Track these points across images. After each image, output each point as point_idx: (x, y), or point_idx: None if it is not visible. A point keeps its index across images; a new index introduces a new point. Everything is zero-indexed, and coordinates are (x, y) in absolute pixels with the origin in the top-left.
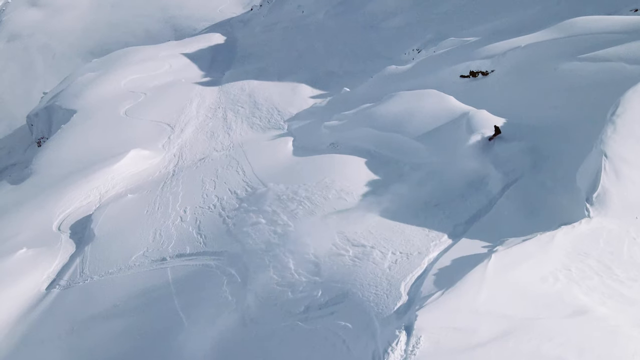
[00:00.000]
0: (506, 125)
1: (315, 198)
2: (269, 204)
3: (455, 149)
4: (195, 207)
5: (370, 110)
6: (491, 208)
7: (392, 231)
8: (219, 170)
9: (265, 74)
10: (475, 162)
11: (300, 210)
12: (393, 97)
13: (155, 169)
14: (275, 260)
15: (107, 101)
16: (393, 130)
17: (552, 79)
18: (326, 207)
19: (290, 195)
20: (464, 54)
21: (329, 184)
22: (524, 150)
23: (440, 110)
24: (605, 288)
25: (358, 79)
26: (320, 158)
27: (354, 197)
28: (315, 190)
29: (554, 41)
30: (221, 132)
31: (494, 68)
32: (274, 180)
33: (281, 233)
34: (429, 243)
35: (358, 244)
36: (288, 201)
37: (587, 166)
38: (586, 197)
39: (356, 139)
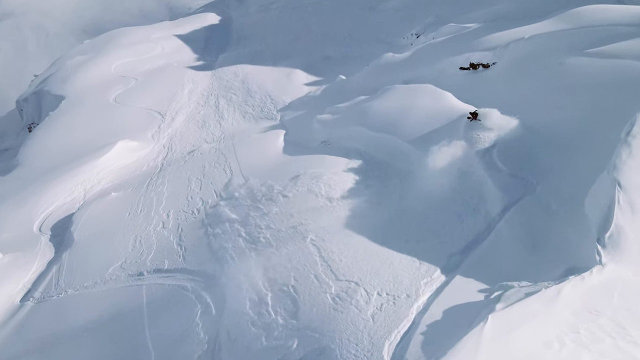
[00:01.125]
0: (507, 128)
1: (302, 211)
2: (252, 216)
3: (451, 158)
4: (178, 210)
5: (364, 106)
6: (490, 233)
7: (380, 261)
8: (207, 167)
9: (260, 58)
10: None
11: (284, 227)
12: (388, 91)
13: (143, 161)
14: (252, 291)
15: (96, 87)
16: (386, 131)
17: (557, 75)
18: (311, 224)
19: (276, 207)
20: (464, 44)
21: (316, 193)
22: (525, 161)
23: (436, 110)
24: (619, 352)
25: (355, 64)
26: (309, 160)
27: (342, 211)
28: (301, 201)
29: (559, 33)
30: (213, 121)
31: (496, 60)
32: (260, 183)
33: (262, 254)
34: (419, 281)
35: (342, 278)
36: (273, 214)
37: (597, 193)
38: (597, 237)
39: (348, 139)
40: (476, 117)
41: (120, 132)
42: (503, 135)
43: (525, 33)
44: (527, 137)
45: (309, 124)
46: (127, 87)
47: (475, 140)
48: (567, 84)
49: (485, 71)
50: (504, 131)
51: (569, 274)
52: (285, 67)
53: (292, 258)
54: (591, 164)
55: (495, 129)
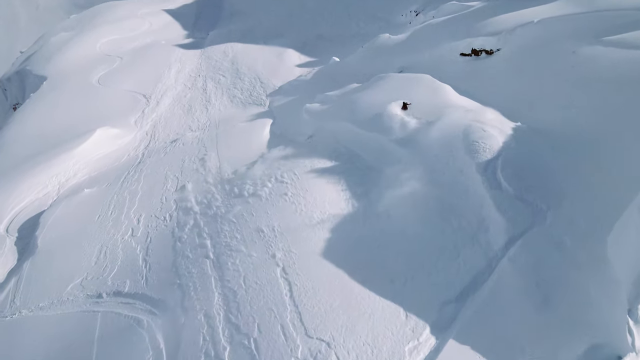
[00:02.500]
0: (512, 131)
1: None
2: (225, 232)
3: (447, 170)
4: (150, 215)
5: (354, 97)
6: (491, 274)
7: (359, 310)
8: (186, 162)
9: (251, 36)
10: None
11: (256, 252)
12: (381, 80)
13: (123, 151)
14: (210, 341)
15: (80, 66)
16: (376, 129)
17: (569, 66)
18: (285, 249)
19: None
20: (466, 27)
21: (295, 207)
22: (533, 178)
23: (432, 107)
24: None
25: (350, 44)
26: (293, 161)
27: (320, 233)
28: (279, 215)
29: (573, 17)
30: (199, 105)
31: (500, 47)
32: (238, 186)
33: (228, 287)
34: (402, 347)
35: (312, 335)
36: (246, 231)
37: (622, 235)
38: (628, 307)
39: (335, 135)
40: (406, 108)
41: (102, 117)
42: (508, 141)
43: (535, 16)
44: (536, 144)
45: (297, 114)
46: (112, 67)
47: (476, 148)
48: (581, 76)
49: (489, 58)
50: (508, 136)
51: (593, 355)
52: (277, 47)
53: (259, 296)
54: (613, 184)
55: (498, 133)
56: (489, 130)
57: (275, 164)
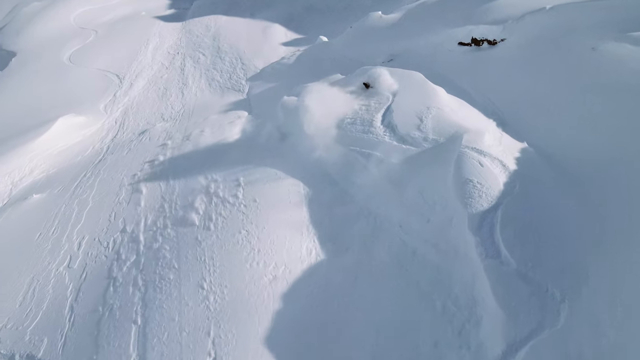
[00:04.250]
0: (515, 160)
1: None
2: (162, 288)
3: (433, 213)
4: (94, 239)
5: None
6: None
7: None
8: (146, 166)
9: (237, 8)
10: (461, 261)
11: (188, 328)
12: (366, 74)
13: (88, 143)
14: None
15: (51, 41)
16: (353, 142)
17: (587, 66)
18: (218, 338)
19: (194, 273)
20: (466, 12)
21: (247, 254)
22: (542, 244)
23: (420, 117)
24: None
25: (340, 18)
26: (256, 179)
27: (268, 305)
28: (223, 271)
29: (593, 5)
30: (175, 89)
31: (505, 37)
32: (191, 213)
33: None
34: None
35: None
36: (185, 295)
37: None
38: None
39: (309, 145)
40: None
41: (70, 101)
42: (510, 182)
43: (547, 1)
44: (546, 184)
45: (273, 107)
46: (85, 43)
47: (470, 192)
48: (603, 81)
49: (491, 49)
50: (511, 173)
51: None
52: (263, 21)
53: None
54: None
55: (498, 169)
56: (487, 164)
57: (238, 177)
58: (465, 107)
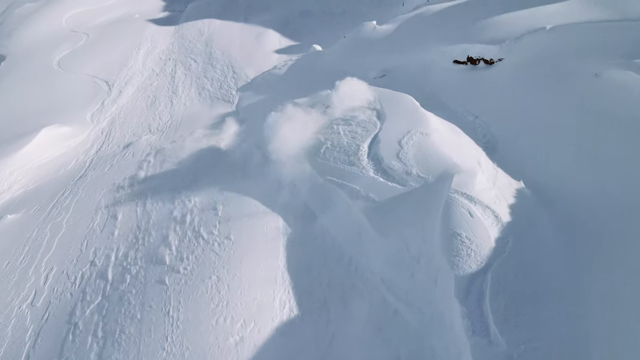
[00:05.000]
0: (509, 207)
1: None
2: (120, 342)
3: (418, 268)
4: (62, 272)
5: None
6: None
7: None
8: (126, 186)
9: (232, 11)
10: (449, 333)
11: None
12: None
13: (72, 155)
14: None
15: (41, 45)
16: (336, 174)
17: (589, 93)
18: None
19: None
20: (462, 29)
21: (212, 313)
22: (540, 319)
23: (406, 147)
24: None
25: (336, 25)
26: (230, 211)
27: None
28: (188, 327)
29: (596, 27)
30: (164, 97)
31: (503, 56)
32: (159, 254)
33: None
34: None
35: None
36: (143, 347)
37: None
38: None
39: (292, 173)
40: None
41: (56, 109)
42: (503, 237)
43: (547, 19)
44: (544, 238)
45: (260, 123)
46: (76, 47)
47: (457, 249)
48: (605, 110)
49: (488, 69)
50: (504, 226)
51: None
52: (257, 26)
53: None
54: None
55: (489, 221)
56: (478, 215)
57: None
58: (458, 136)
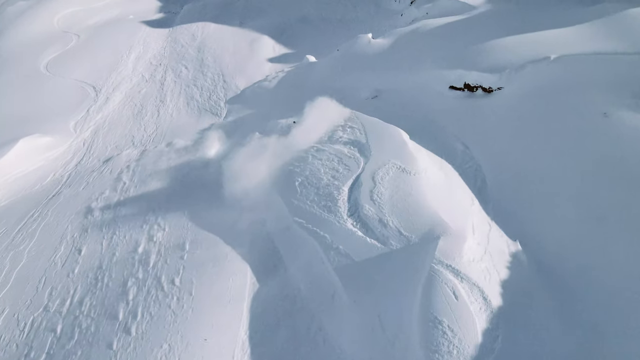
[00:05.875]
0: (500, 282)
1: None
2: None
3: (392, 354)
4: (12, 315)
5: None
6: None
7: None
8: (96, 212)
9: (227, 14)
10: None
11: None
12: None
13: (50, 168)
14: None
15: (31, 46)
16: (312, 220)
17: (596, 135)
18: None
19: None
20: (458, 53)
21: None
22: None
23: (390, 192)
24: None
25: (333, 33)
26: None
27: None
28: None
29: (606, 59)
30: (151, 106)
31: (503, 85)
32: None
33: None
34: None
35: None
36: None
37: None
38: None
39: (267, 207)
40: None
41: (39, 117)
42: (492, 326)
43: (552, 47)
44: (539, 317)
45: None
46: (66, 48)
47: (436, 342)
48: (615, 157)
49: (486, 98)
50: (494, 311)
51: None
52: (252, 31)
53: None
54: None
55: (476, 305)
56: (464, 296)
57: (184, 244)
58: (449, 178)
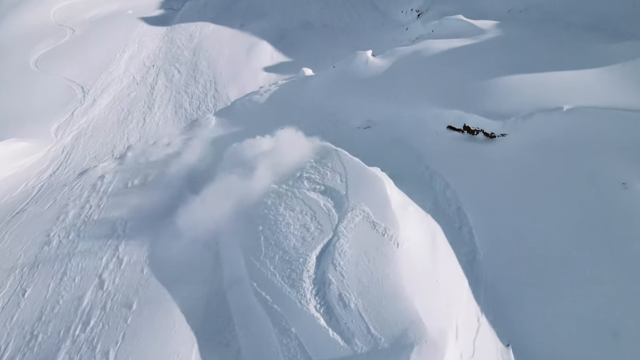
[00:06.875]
0: None
1: None
2: None
3: None
4: None
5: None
6: None
7: None
8: (55, 239)
9: (228, 15)
10: None
11: None
12: (325, 159)
13: (23, 178)
14: None
15: (25, 38)
16: (270, 292)
17: (614, 208)
18: None
19: None
20: (458, 92)
21: None
22: None
23: (363, 285)
24: None
25: (335, 41)
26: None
27: None
28: None
29: (630, 117)
30: (138, 113)
31: (507, 132)
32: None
33: None
34: None
35: None
36: None
37: None
38: None
39: (229, 260)
40: None
41: (21, 119)
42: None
43: (566, 94)
44: None
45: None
46: (59, 43)
47: None
48: (636, 243)
49: (488, 144)
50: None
51: None
52: (251, 35)
53: None
54: None
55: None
56: None
57: (131, 300)
58: (434, 250)
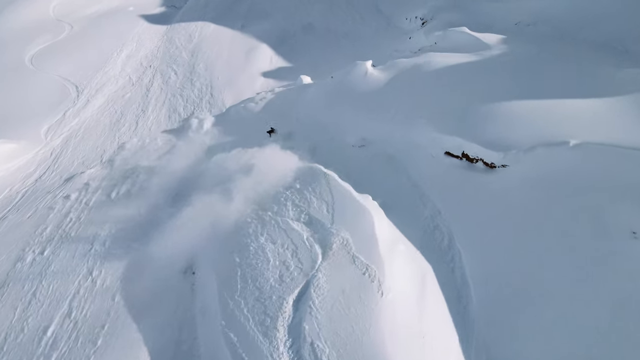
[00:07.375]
0: None
1: None
2: None
3: None
4: None
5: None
6: None
7: None
8: (29, 255)
9: (229, 16)
10: None
11: None
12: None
13: (8, 182)
14: None
15: (21, 33)
16: (244, 339)
17: (624, 269)
18: None
19: None
20: (460, 117)
21: None
22: None
23: (340, 333)
24: None
25: (337, 47)
26: None
27: None
28: None
29: (637, 155)
30: (132, 116)
31: (508, 163)
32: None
33: None
34: None
35: None
36: None
37: None
38: None
39: (202, 293)
40: None
41: (11, 119)
42: None
43: (573, 127)
44: None
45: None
46: (56, 39)
47: None
48: None
49: (487, 174)
50: None
51: None
52: (251, 37)
53: None
54: None
55: None
56: None
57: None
58: (421, 308)
